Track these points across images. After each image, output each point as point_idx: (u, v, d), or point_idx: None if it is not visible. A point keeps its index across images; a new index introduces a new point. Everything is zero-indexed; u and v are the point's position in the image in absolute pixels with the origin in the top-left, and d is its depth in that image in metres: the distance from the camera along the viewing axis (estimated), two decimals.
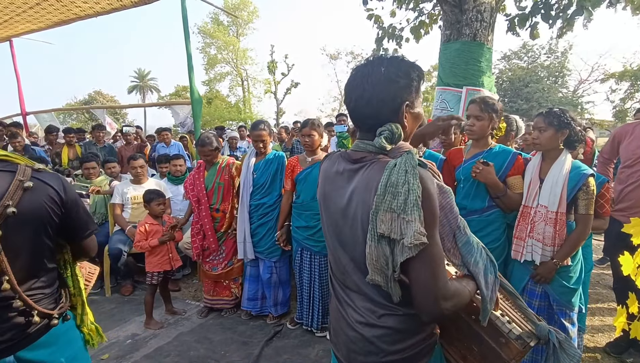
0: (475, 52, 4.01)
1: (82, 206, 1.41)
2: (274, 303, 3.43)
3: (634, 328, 1.57)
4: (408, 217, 0.93)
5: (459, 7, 4.06)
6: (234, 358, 2.90)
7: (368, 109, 1.05)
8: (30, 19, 5.89)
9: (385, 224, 0.95)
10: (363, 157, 1.08)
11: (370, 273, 1.01)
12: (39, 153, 5.78)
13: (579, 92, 24.63)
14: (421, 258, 0.95)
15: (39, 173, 1.27)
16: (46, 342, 1.32)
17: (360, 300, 1.12)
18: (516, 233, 2.25)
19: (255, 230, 3.36)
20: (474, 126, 2.31)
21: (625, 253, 1.57)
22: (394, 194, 0.95)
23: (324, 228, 1.23)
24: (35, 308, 1.25)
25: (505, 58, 25.51)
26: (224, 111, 28.12)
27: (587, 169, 2.10)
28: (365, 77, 1.05)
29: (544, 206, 2.12)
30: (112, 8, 5.48)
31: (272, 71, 26.93)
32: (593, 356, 2.83)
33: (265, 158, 3.36)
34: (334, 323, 1.24)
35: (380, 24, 5.50)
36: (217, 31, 29.41)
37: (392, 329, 1.07)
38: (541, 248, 2.13)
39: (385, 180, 0.97)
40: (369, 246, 0.99)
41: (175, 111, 6.79)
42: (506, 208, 2.32)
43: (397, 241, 0.95)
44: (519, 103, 21.47)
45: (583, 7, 3.76)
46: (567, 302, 2.17)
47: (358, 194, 1.04)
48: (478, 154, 2.36)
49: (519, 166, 2.31)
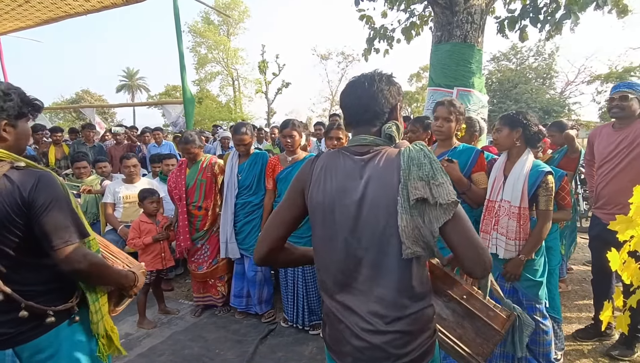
0: (466, 53, 4.08)
1: (60, 213, 1.24)
2: (258, 301, 3.46)
3: (618, 320, 1.63)
4: (438, 181, 1.05)
5: (449, 9, 4.12)
6: (228, 356, 2.91)
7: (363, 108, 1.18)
8: (18, 16, 5.80)
9: (419, 190, 1.03)
10: (372, 150, 1.16)
11: (410, 245, 1.05)
12: (28, 152, 5.71)
13: (566, 93, 25.04)
14: (457, 218, 1.05)
15: (14, 171, 1.23)
16: (48, 344, 1.29)
17: (367, 305, 1.11)
18: (482, 227, 2.37)
19: (241, 228, 3.39)
20: (442, 127, 2.44)
21: (612, 250, 1.62)
22: (419, 166, 1.06)
23: (328, 225, 1.16)
24: (22, 302, 1.22)
25: (495, 60, 25.83)
26: (215, 111, 27.97)
27: (545, 167, 2.25)
28: (360, 85, 1.20)
29: (507, 201, 2.25)
30: (102, 6, 5.43)
31: (263, 71, 26.84)
32: (579, 349, 2.90)
33: (249, 159, 3.39)
34: (334, 333, 1.20)
35: (372, 24, 5.54)
36: (207, 30, 29.26)
37: (400, 332, 1.09)
38: (505, 241, 2.24)
39: (406, 157, 1.08)
40: (403, 219, 1.04)
41: (167, 110, 6.77)
42: (472, 202, 2.45)
43: (432, 205, 1.04)
44: (507, 104, 21.73)
45: (570, 11, 3.85)
46: (534, 296, 2.29)
47: (376, 179, 1.10)
48: (444, 153, 2.49)
49: (482, 163, 2.47)
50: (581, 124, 19.49)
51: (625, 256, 1.62)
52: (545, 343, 2.30)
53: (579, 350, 2.89)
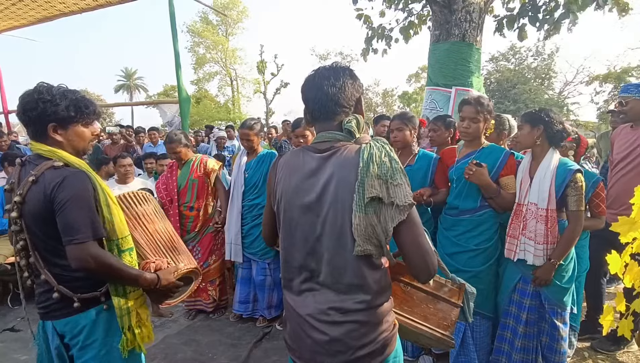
0: (464, 52, 4.04)
1: (75, 211, 1.31)
2: (267, 305, 3.35)
3: (621, 326, 1.59)
4: (397, 181, 1.05)
5: (448, 8, 4.08)
6: (222, 360, 2.86)
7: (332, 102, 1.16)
8: (13, 15, 5.75)
9: (375, 189, 1.03)
10: (333, 146, 1.15)
11: (361, 244, 1.06)
12: (24, 151, 5.66)
13: (564, 93, 25.05)
14: (410, 221, 1.07)
15: (52, 169, 1.35)
16: (76, 326, 1.41)
17: (326, 299, 1.12)
18: (509, 232, 2.25)
19: (248, 231, 3.29)
20: (469, 128, 2.29)
21: (612, 252, 1.58)
22: (379, 164, 1.06)
23: (289, 224, 1.19)
24: (54, 286, 1.37)
25: (494, 60, 25.80)
26: (213, 111, 27.91)
27: (573, 165, 2.11)
28: (325, 78, 1.17)
29: (533, 204, 2.13)
30: (97, 5, 5.39)
31: (262, 71, 26.79)
32: (580, 353, 2.86)
33: (257, 157, 3.30)
34: (293, 328, 1.22)
35: (370, 24, 5.51)
36: (206, 30, 29.20)
37: (358, 323, 1.11)
38: (533, 246, 2.13)
39: (365, 154, 1.08)
40: (357, 217, 1.05)
41: (162, 110, 6.70)
42: (500, 208, 2.30)
43: (387, 205, 1.05)
44: (506, 104, 21.74)
45: (569, 10, 3.81)
46: (558, 301, 2.17)
47: (335, 176, 1.10)
48: (470, 154, 2.34)
49: (512, 166, 2.30)
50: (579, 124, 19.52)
51: (627, 259, 1.57)
52: (562, 351, 2.19)
53: (579, 353, 2.85)
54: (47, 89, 1.39)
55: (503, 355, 2.33)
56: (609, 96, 21.02)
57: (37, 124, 1.39)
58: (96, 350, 1.43)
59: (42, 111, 1.37)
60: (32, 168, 1.37)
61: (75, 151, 1.47)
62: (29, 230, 1.37)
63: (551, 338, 2.20)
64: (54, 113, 1.38)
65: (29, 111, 1.37)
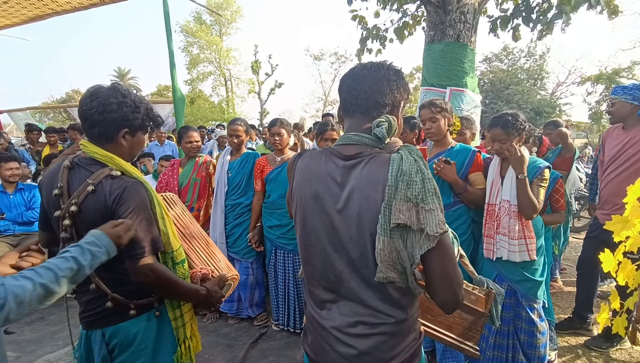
0: (459, 53, 4.06)
1: (136, 223, 1.28)
2: (249, 304, 3.39)
3: (615, 323, 1.61)
4: (429, 206, 0.92)
5: (442, 8, 4.10)
6: (218, 361, 2.85)
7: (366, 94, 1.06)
8: (4, 14, 5.68)
9: (404, 214, 0.91)
10: (359, 153, 1.04)
11: (383, 270, 0.95)
12: (21, 153, 5.63)
13: (557, 94, 25.26)
14: (441, 248, 0.94)
15: (109, 179, 1.32)
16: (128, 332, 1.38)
17: (352, 310, 1.06)
18: (485, 232, 2.33)
19: (231, 231, 3.32)
20: (431, 128, 2.41)
21: (605, 251, 1.60)
22: (408, 183, 0.93)
23: (308, 234, 1.11)
24: (108, 293, 1.34)
25: (487, 60, 25.97)
26: (207, 111, 27.78)
27: (542, 162, 2.25)
28: (367, 69, 1.08)
29: (506, 201, 2.22)
30: (90, 3, 5.33)
31: (256, 71, 26.73)
32: (574, 351, 2.89)
33: (240, 157, 3.33)
34: (315, 341, 1.14)
35: (365, 24, 5.51)
36: (199, 30, 29.05)
37: (388, 334, 1.04)
38: (507, 242, 2.21)
39: (395, 170, 0.94)
40: (381, 241, 0.94)
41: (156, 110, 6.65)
42: (469, 203, 2.41)
43: (416, 231, 0.92)
44: (499, 105, 21.85)
45: (562, 11, 3.85)
46: (534, 295, 2.26)
47: (359, 192, 0.99)
48: (440, 153, 2.45)
49: (479, 163, 2.43)
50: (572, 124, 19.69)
51: (620, 257, 1.59)
52: (541, 345, 2.26)
53: (573, 351, 2.88)
54: (128, 94, 1.38)
55: None
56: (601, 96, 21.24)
57: (110, 126, 1.35)
58: (147, 356, 1.42)
59: (123, 115, 1.35)
60: (85, 173, 1.34)
61: (131, 158, 1.48)
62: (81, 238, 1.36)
63: (529, 335, 2.26)
64: (134, 119, 1.38)
65: (108, 112, 1.32)
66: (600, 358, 2.79)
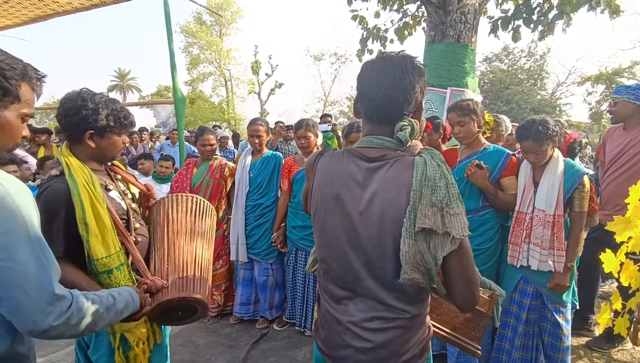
0: (459, 53, 4.06)
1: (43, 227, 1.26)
2: (269, 306, 3.34)
3: (617, 324, 1.60)
4: (453, 210, 0.95)
5: (443, 9, 4.10)
6: (219, 361, 2.84)
7: (393, 106, 1.05)
8: (5, 14, 5.68)
9: (429, 219, 0.94)
10: (382, 155, 1.05)
11: (408, 271, 0.97)
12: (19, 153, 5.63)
13: (557, 94, 25.24)
14: (462, 251, 0.98)
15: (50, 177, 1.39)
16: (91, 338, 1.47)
17: (369, 306, 1.08)
18: (511, 239, 2.27)
19: (251, 231, 3.27)
20: (460, 132, 2.34)
21: (607, 251, 1.60)
22: (433, 189, 0.95)
23: (327, 234, 1.12)
24: None
25: (487, 60, 25.94)
26: (207, 112, 27.75)
27: (580, 168, 2.15)
28: (390, 75, 1.04)
29: (541, 210, 2.14)
30: (91, 4, 5.33)
31: (256, 72, 26.70)
32: (575, 351, 2.88)
33: (262, 157, 3.29)
34: (329, 336, 1.16)
35: (365, 24, 5.52)
36: (200, 31, 29.02)
37: (403, 328, 1.07)
38: (539, 252, 2.14)
39: (419, 175, 0.96)
40: (406, 243, 0.96)
41: (157, 110, 6.65)
42: (499, 208, 2.33)
43: (440, 234, 0.95)
44: (499, 105, 21.83)
45: (563, 11, 3.85)
46: (560, 299, 2.21)
47: (382, 195, 1.01)
48: (472, 155, 2.38)
49: (513, 167, 2.33)
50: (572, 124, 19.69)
51: (622, 258, 1.59)
52: (564, 348, 2.22)
53: (575, 351, 2.88)
54: (90, 97, 1.44)
55: (504, 352, 2.37)
56: (601, 96, 21.22)
57: (73, 129, 1.43)
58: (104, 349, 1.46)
59: (83, 118, 1.41)
60: None
61: (105, 158, 1.54)
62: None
63: (554, 337, 2.23)
64: (94, 121, 1.43)
65: (70, 116, 1.41)
66: (602, 359, 2.79)
